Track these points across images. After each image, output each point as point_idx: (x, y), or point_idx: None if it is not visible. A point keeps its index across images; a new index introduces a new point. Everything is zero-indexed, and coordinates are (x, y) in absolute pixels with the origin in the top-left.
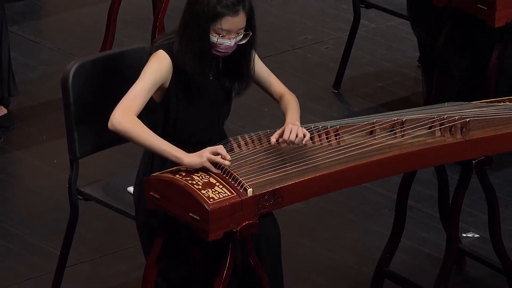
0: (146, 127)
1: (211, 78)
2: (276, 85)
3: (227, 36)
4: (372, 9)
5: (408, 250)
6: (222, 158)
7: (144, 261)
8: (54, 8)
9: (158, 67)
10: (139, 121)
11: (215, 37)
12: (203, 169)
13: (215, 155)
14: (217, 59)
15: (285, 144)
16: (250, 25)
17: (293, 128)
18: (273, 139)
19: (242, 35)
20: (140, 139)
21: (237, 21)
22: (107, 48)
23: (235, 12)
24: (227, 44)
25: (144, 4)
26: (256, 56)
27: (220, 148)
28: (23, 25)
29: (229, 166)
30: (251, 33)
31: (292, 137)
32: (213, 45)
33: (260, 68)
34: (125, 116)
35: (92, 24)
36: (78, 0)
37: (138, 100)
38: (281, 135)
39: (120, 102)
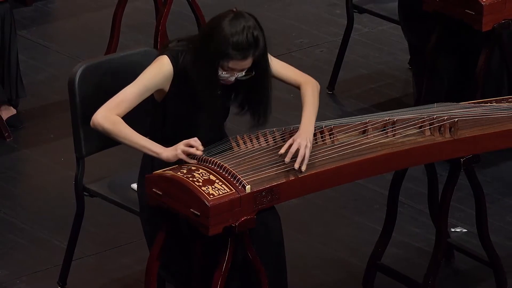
0: (127, 126)
1: (219, 93)
2: (291, 73)
3: (230, 72)
4: (365, 14)
5: (399, 244)
6: (196, 149)
7: (147, 255)
8: (61, 13)
9: (155, 73)
10: (121, 120)
11: (220, 70)
12: (203, 167)
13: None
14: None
15: (288, 160)
16: (259, 67)
17: (302, 144)
18: (282, 150)
19: (244, 73)
20: (120, 138)
21: (243, 63)
22: (111, 51)
23: (244, 57)
24: (227, 78)
25: (147, 9)
26: (274, 59)
27: (193, 140)
28: (31, 29)
29: (202, 155)
30: (253, 73)
31: (300, 157)
32: (218, 76)
33: (280, 66)
34: (107, 116)
35: (97, 28)
36: (84, 5)
37: (124, 104)
38: (288, 148)
39: (107, 102)
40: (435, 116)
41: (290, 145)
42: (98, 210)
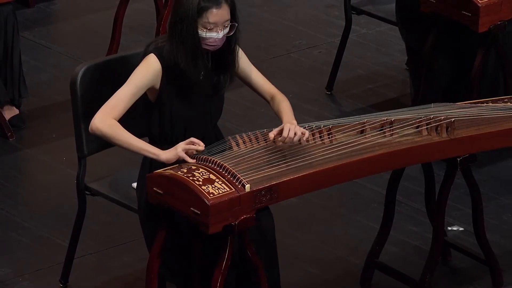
0: (124, 130)
1: (201, 78)
2: (267, 86)
3: (214, 29)
4: (363, 16)
5: (397, 243)
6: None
7: (148, 253)
8: (63, 15)
9: (145, 72)
10: (118, 124)
11: (203, 31)
12: (203, 167)
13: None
14: (206, 57)
15: (281, 143)
16: (233, 17)
17: (291, 127)
18: (271, 135)
19: (228, 27)
20: (118, 141)
21: (222, 13)
22: (113, 52)
23: (218, 5)
24: (215, 37)
25: (148, 11)
26: (245, 57)
27: (194, 138)
28: (34, 31)
29: (203, 151)
30: (237, 24)
31: (291, 135)
32: (202, 40)
33: (252, 70)
34: (104, 121)
35: (99, 29)
36: (86, 7)
37: (119, 106)
38: (280, 132)
39: (102, 107)
40: (432, 116)
41: (281, 131)
42: (100, 208)
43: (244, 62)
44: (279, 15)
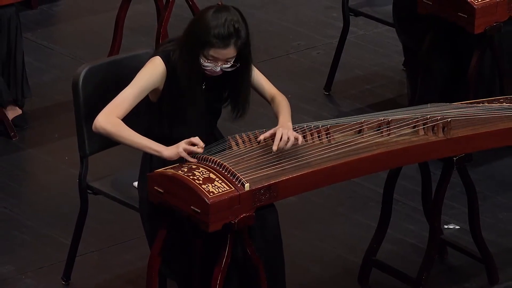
0: (127, 127)
1: (203, 87)
2: (267, 87)
3: (213, 62)
4: (361, 17)
5: (394, 241)
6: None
7: (149, 251)
8: (65, 16)
9: (150, 74)
10: (121, 122)
11: (202, 59)
12: (204, 166)
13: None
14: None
15: (275, 148)
16: (242, 58)
17: (284, 131)
18: (262, 137)
19: (230, 64)
20: (122, 139)
21: (226, 52)
22: (114, 53)
23: (225, 46)
24: (213, 69)
25: (149, 12)
26: None
27: (195, 139)
28: (36, 32)
29: (202, 153)
30: (238, 65)
31: (284, 138)
32: (201, 65)
33: (254, 71)
34: (107, 119)
35: (100, 31)
36: (88, 8)
37: (123, 105)
38: (272, 135)
39: (107, 106)
40: (428, 116)
41: (273, 135)
42: (101, 207)
43: (258, 75)
44: (278, 17)
